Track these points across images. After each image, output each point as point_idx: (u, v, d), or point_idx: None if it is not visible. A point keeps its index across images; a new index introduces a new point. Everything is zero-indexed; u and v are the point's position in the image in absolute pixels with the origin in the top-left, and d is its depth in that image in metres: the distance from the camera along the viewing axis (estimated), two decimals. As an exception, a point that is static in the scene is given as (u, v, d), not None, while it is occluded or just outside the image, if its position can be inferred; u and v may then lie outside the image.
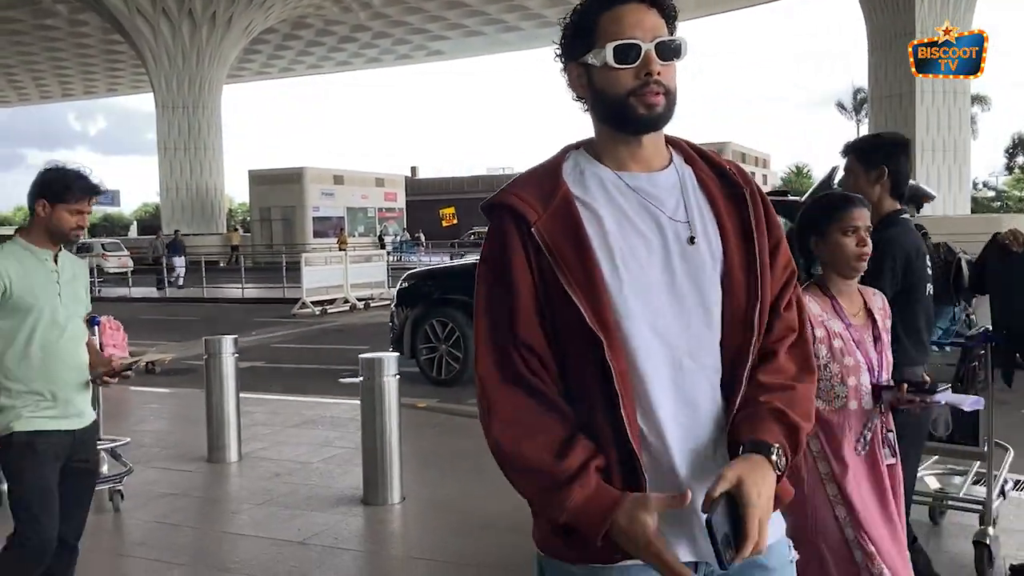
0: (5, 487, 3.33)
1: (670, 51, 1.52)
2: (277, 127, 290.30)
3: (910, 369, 2.89)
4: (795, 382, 1.55)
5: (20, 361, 3.04)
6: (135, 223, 79.72)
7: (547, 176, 1.57)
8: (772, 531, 1.46)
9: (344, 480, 5.53)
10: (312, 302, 18.25)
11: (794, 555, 1.61)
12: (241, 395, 6.33)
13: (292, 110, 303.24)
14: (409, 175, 62.41)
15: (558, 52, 1.62)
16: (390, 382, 5.10)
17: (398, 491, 5.11)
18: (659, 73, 1.51)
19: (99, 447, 5.60)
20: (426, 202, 54.49)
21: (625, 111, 1.52)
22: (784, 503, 1.55)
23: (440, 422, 7.30)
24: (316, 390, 8.86)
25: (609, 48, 1.50)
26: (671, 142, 1.64)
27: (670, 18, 1.55)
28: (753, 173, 45.74)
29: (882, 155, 3.12)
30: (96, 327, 5.85)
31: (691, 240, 1.52)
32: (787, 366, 1.56)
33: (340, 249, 30.95)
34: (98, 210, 68.56)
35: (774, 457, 1.44)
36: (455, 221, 35.63)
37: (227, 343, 6.26)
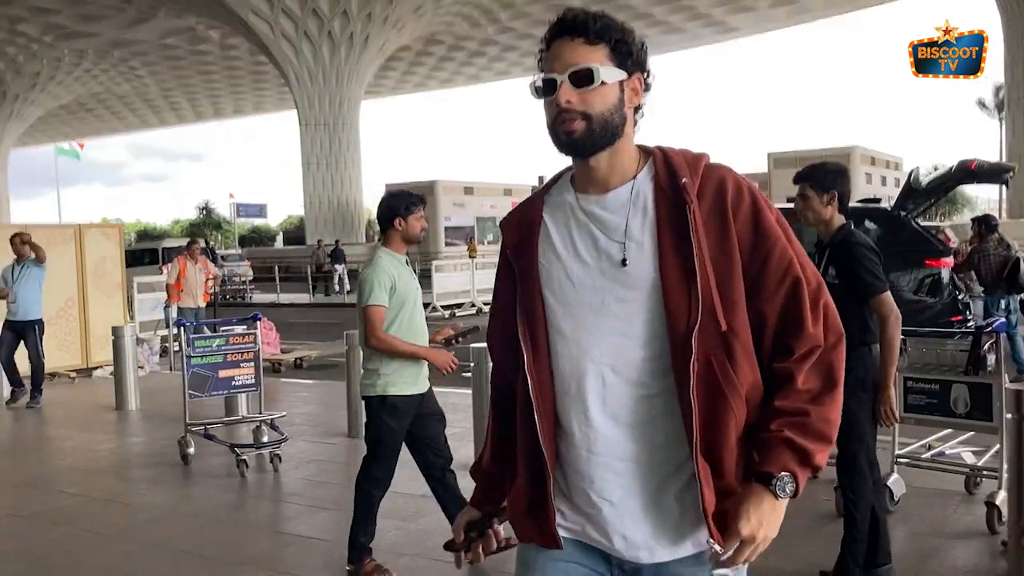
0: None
1: (582, 78, 1.58)
2: (412, 140, 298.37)
3: None
4: (811, 404, 1.56)
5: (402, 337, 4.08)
6: (281, 234, 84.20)
7: (530, 202, 1.77)
8: (698, 542, 1.58)
9: (458, 452, 6.51)
10: (442, 306, 19.54)
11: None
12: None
13: (426, 124, 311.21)
14: (536, 184, 63.60)
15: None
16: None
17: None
18: (568, 101, 1.58)
19: (261, 418, 6.81)
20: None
21: (553, 139, 1.63)
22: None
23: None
24: (440, 382, 9.91)
25: (531, 85, 1.64)
26: (650, 153, 1.69)
27: (609, 43, 1.60)
28: (883, 177, 44.40)
29: (831, 180, 3.74)
30: (258, 323, 7.03)
31: (623, 262, 1.59)
32: (806, 387, 1.57)
33: (470, 257, 32.32)
34: (246, 222, 72.74)
35: (775, 485, 1.50)
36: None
37: (363, 337, 7.36)
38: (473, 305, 20.10)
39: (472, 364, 6.12)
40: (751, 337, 1.59)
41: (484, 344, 6.26)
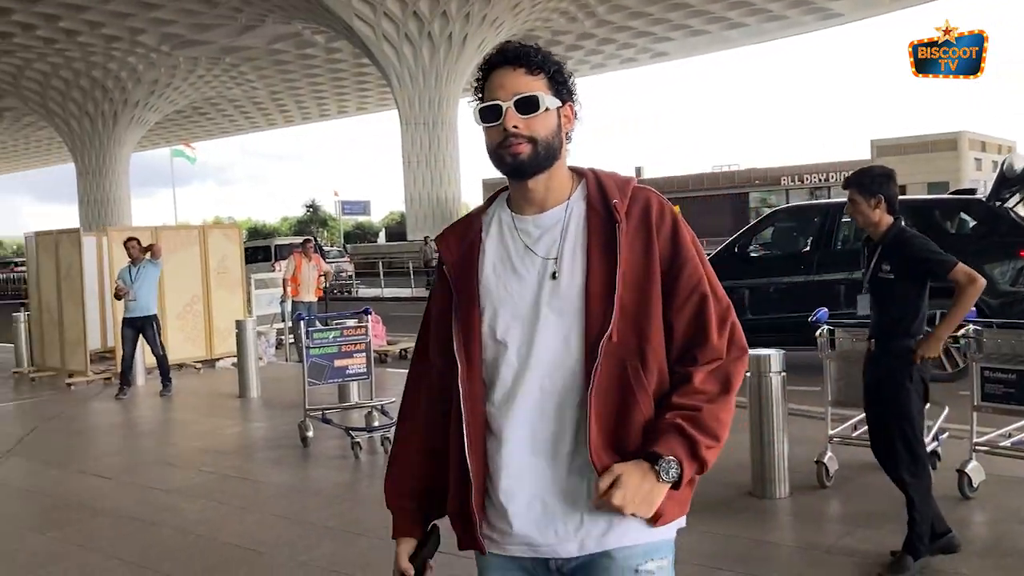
0: None
1: (528, 105, 1.69)
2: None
3: None
4: (706, 403, 1.66)
5: None
6: (383, 230, 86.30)
7: (468, 220, 1.86)
8: (625, 534, 1.66)
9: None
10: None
11: (654, 563, 1.70)
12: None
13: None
14: (634, 175, 63.34)
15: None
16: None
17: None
18: (516, 126, 1.69)
19: (372, 404, 7.38)
20: (653, 202, 55.18)
21: (497, 162, 1.73)
22: (665, 519, 1.67)
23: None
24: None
25: (475, 111, 1.73)
26: (583, 175, 1.80)
27: (548, 71, 1.73)
28: (995, 162, 42.74)
29: (877, 185, 3.98)
30: (368, 316, 7.61)
31: (553, 276, 1.70)
32: (703, 388, 1.68)
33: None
34: (350, 219, 74.75)
35: (660, 466, 1.60)
36: (681, 221, 36.33)
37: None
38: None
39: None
40: (663, 344, 1.70)
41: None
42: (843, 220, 9.45)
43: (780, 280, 9.70)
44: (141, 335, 10.34)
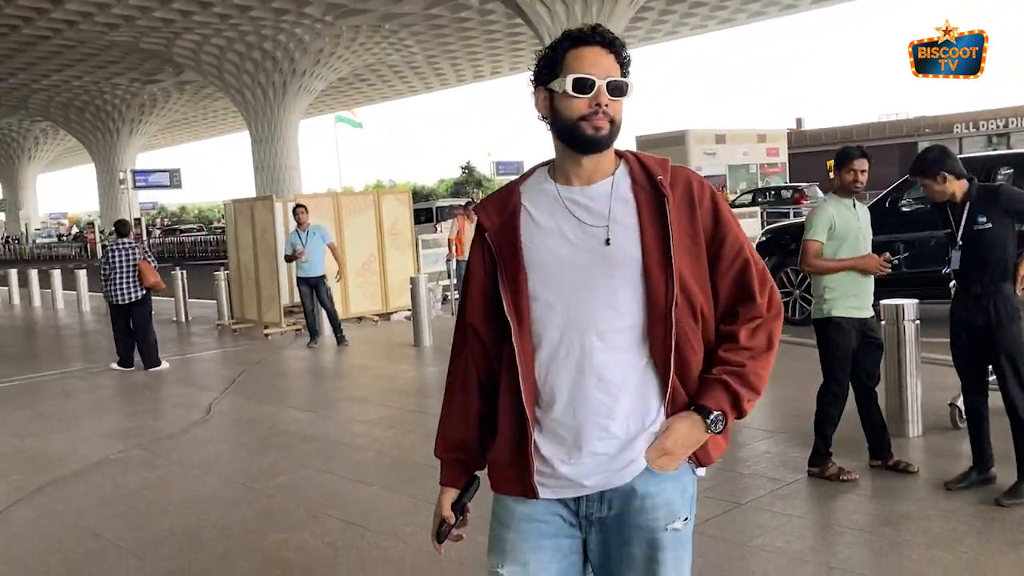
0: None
1: (619, 89, 1.82)
2: (663, 89, 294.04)
3: None
4: (750, 359, 1.82)
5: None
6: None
7: (508, 190, 1.94)
8: (665, 477, 1.81)
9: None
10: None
11: (679, 523, 1.85)
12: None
13: (676, 72, 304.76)
14: (794, 127, 61.60)
15: (531, 78, 1.91)
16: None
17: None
18: (607, 105, 1.80)
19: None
20: (812, 154, 53.69)
21: (575, 132, 1.81)
22: (703, 462, 1.86)
23: (786, 350, 8.93)
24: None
25: (569, 79, 1.80)
26: (623, 155, 1.91)
27: (624, 64, 1.84)
28: None
29: (936, 165, 4.45)
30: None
31: (607, 242, 1.80)
32: (748, 345, 1.83)
33: (722, 206, 32.52)
34: (504, 179, 76.01)
35: (709, 420, 1.79)
36: (843, 172, 35.25)
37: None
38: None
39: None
40: (712, 307, 1.87)
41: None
42: (1001, 173, 9.41)
43: (932, 235, 9.77)
44: (315, 292, 11.47)
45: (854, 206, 4.93)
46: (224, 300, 14.64)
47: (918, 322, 5.72)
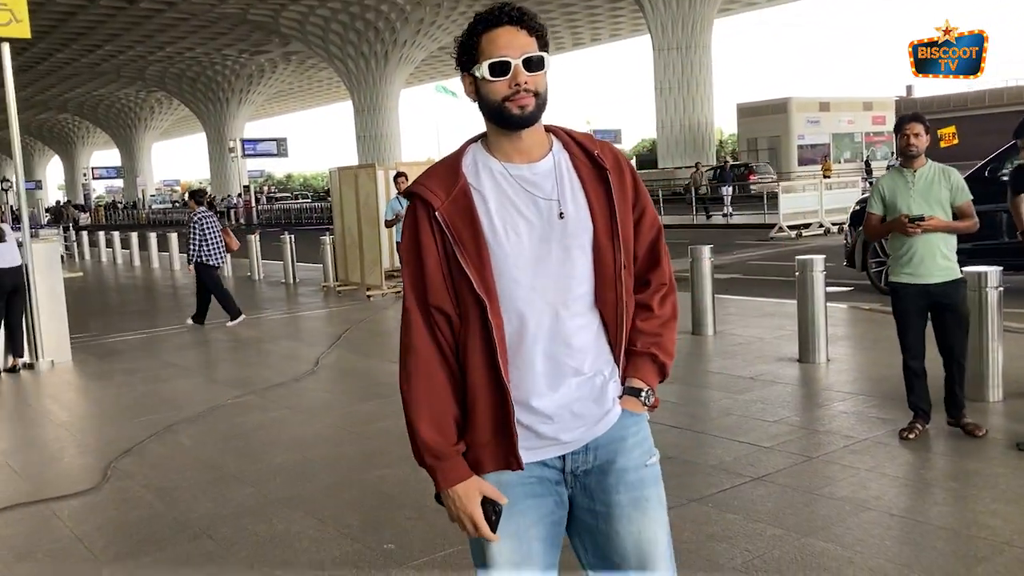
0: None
1: (535, 64, 1.86)
2: (764, 57, 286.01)
3: None
4: (664, 328, 2.01)
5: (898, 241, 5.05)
6: (634, 158, 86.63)
7: (450, 169, 1.92)
8: (638, 418, 1.98)
9: (784, 348, 7.68)
10: (788, 226, 20.10)
11: (654, 459, 2.01)
12: (717, 296, 8.80)
13: (780, 38, 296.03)
14: (904, 95, 59.38)
15: (455, 64, 1.95)
16: (817, 276, 7.12)
17: (824, 354, 7.14)
18: (526, 82, 1.84)
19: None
20: (922, 123, 51.70)
21: (502, 113, 1.86)
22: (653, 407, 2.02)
23: (878, 319, 8.99)
24: (775, 294, 10.96)
25: (485, 64, 1.84)
26: (552, 131, 1.97)
27: (540, 35, 1.89)
28: None
29: None
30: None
31: (560, 215, 1.88)
32: (660, 313, 2.01)
33: (824, 176, 31.86)
34: (603, 147, 75.44)
35: (642, 397, 1.98)
36: (955, 141, 33.82)
37: (706, 251, 8.73)
38: (821, 226, 20.39)
39: (797, 274, 7.24)
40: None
41: (811, 256, 7.26)
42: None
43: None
44: None
45: (914, 173, 5.01)
46: (329, 263, 15.37)
47: (1001, 289, 5.79)
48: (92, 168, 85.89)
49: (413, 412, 1.90)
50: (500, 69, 1.84)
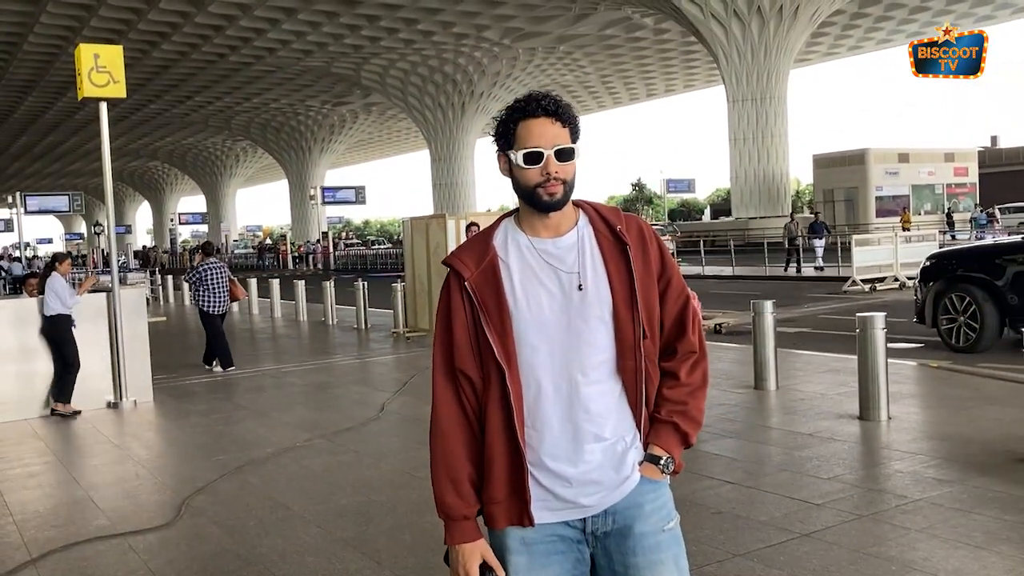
0: None
1: (565, 155, 1.99)
2: (840, 106, 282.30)
3: None
4: (690, 397, 2.08)
5: None
6: (708, 207, 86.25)
7: (482, 242, 2.07)
8: (657, 484, 2.06)
9: (846, 404, 7.65)
10: (862, 280, 19.82)
11: (672, 523, 2.08)
12: (780, 350, 8.80)
13: (858, 89, 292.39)
14: (988, 145, 58.07)
15: (494, 140, 2.08)
16: (878, 334, 7.11)
17: (885, 412, 7.10)
18: (557, 171, 1.97)
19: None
20: (1007, 174, 50.50)
21: (533, 198, 2.00)
22: (676, 471, 2.09)
23: (945, 377, 8.86)
24: (843, 350, 10.86)
25: (520, 154, 1.98)
26: (580, 205, 2.09)
27: (572, 126, 2.02)
28: None
29: None
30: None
31: (580, 287, 1.99)
32: (687, 381, 2.08)
33: (903, 228, 31.26)
34: (675, 197, 75.55)
35: (660, 464, 2.05)
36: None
37: (768, 305, 8.77)
38: (896, 280, 20.05)
39: (857, 331, 7.25)
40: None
41: (871, 313, 7.19)
42: None
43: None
44: None
45: None
46: (400, 310, 15.74)
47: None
48: (179, 214, 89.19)
49: (434, 471, 2.08)
50: (533, 158, 1.98)
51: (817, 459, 6.09)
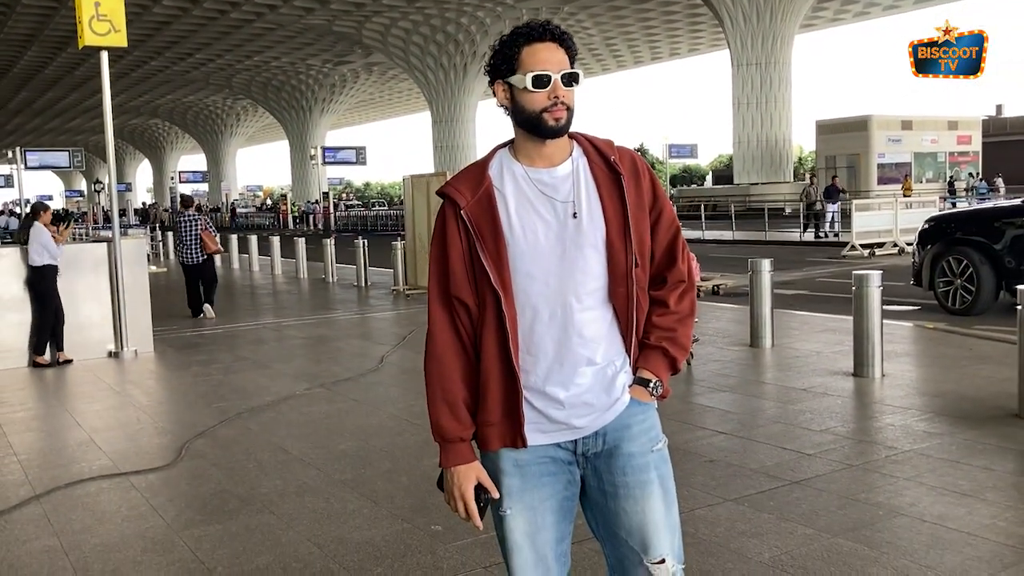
0: None
1: (571, 80, 2.01)
2: (846, 73, 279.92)
3: None
4: (679, 324, 2.13)
5: None
6: (710, 173, 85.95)
7: (478, 172, 2.09)
8: (645, 407, 2.11)
9: (840, 362, 7.73)
10: (861, 245, 19.86)
11: (660, 444, 2.14)
12: (777, 310, 8.85)
13: (863, 55, 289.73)
14: (993, 114, 57.75)
15: (486, 71, 2.10)
16: (873, 292, 7.16)
17: (879, 369, 7.17)
18: (563, 96, 2.00)
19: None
20: (1012, 143, 50.27)
21: (539, 123, 2.01)
22: (664, 396, 2.15)
23: (941, 338, 8.93)
24: (839, 311, 10.93)
25: (528, 76, 1.98)
26: (574, 137, 2.11)
27: (573, 55, 2.04)
28: None
29: None
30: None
31: (574, 215, 2.03)
32: (676, 309, 2.13)
33: (904, 195, 31.20)
34: (677, 162, 75.11)
35: (650, 387, 2.11)
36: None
37: (765, 264, 8.80)
38: (895, 245, 20.08)
39: (853, 288, 7.30)
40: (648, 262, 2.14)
41: (867, 271, 7.28)
42: None
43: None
44: None
45: None
46: (400, 268, 15.80)
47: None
48: (179, 172, 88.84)
49: (430, 395, 2.09)
50: (542, 81, 1.98)
51: (810, 412, 6.17)
